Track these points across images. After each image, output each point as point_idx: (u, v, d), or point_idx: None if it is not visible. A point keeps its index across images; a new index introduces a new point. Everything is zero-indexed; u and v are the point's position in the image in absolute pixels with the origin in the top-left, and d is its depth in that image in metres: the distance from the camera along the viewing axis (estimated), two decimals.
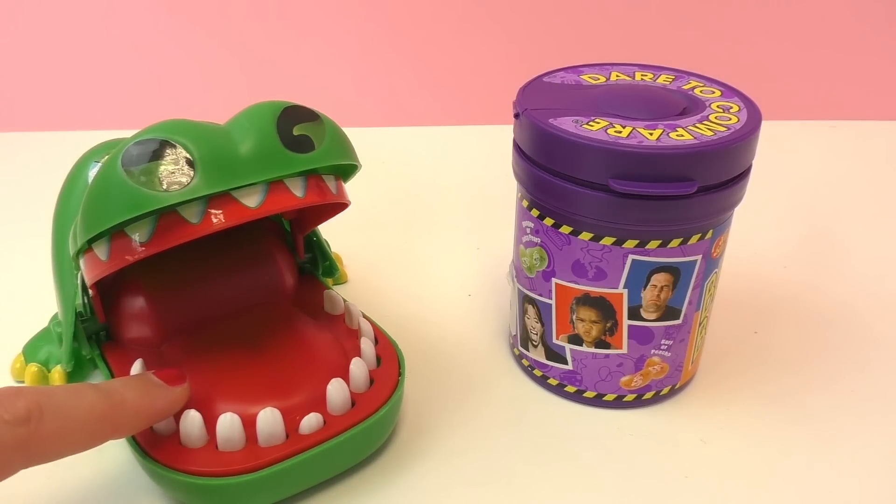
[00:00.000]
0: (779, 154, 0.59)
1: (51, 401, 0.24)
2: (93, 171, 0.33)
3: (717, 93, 0.33)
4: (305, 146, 0.28)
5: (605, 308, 0.32)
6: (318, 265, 0.40)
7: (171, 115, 0.27)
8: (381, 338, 0.34)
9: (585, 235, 0.31)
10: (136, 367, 0.31)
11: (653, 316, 0.32)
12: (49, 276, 0.35)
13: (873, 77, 0.68)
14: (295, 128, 0.28)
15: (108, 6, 0.64)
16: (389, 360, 0.33)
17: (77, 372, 0.36)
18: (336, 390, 0.30)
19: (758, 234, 0.49)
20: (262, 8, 0.65)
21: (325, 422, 0.29)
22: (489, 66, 0.67)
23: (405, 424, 0.34)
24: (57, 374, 0.35)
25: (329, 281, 0.42)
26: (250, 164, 0.27)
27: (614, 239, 0.30)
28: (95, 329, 0.34)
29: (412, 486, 0.31)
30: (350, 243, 0.48)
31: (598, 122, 0.30)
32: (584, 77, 0.35)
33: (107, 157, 0.27)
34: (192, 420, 0.28)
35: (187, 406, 0.29)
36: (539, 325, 0.34)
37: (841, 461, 0.32)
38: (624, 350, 0.33)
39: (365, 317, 0.35)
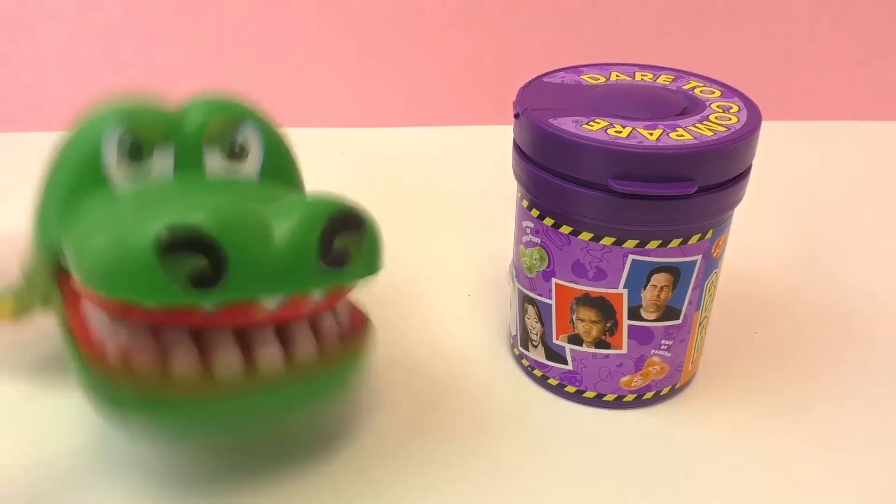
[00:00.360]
0: (779, 154, 0.59)
1: None
2: (108, 140, 0.31)
3: (717, 93, 0.33)
4: (342, 261, 0.27)
5: (605, 308, 0.32)
6: None
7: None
8: (352, 306, 0.34)
9: (585, 235, 0.31)
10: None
11: (653, 316, 0.32)
12: None
13: (873, 77, 0.68)
14: (337, 238, 0.27)
15: (110, 6, 0.64)
16: (358, 321, 0.32)
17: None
18: (301, 333, 0.29)
19: (758, 234, 0.49)
20: (263, 7, 0.65)
21: (287, 360, 0.29)
22: (489, 66, 0.67)
23: (405, 424, 0.34)
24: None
25: None
26: (282, 277, 0.26)
27: (614, 239, 0.30)
28: None
29: (412, 485, 0.31)
30: None
31: (598, 122, 0.30)
32: (584, 77, 0.35)
33: (129, 224, 0.26)
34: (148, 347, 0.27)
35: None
36: (539, 325, 0.34)
37: (841, 461, 0.32)
38: (624, 350, 0.33)
39: None
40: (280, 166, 0.34)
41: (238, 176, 0.32)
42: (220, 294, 0.25)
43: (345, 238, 0.27)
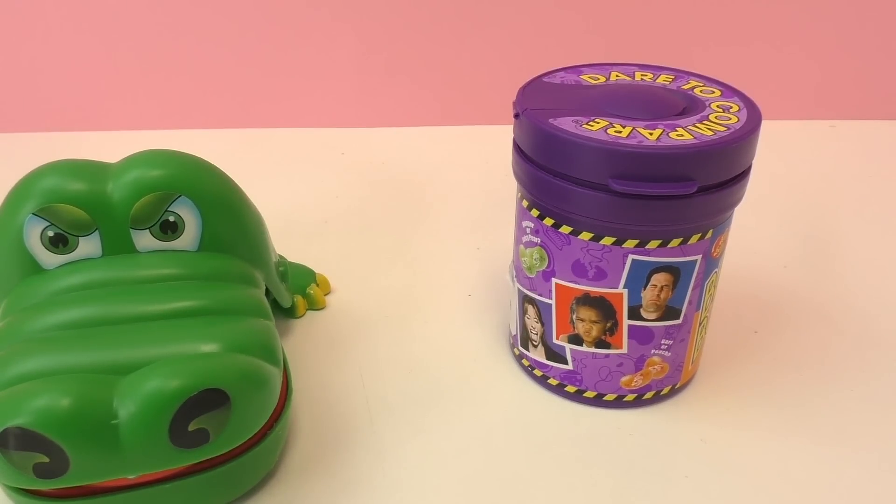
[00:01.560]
0: (779, 154, 0.59)
1: None
2: (30, 231, 0.31)
3: (717, 93, 0.33)
4: (198, 442, 0.26)
5: (605, 308, 0.32)
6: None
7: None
8: None
9: (585, 235, 0.31)
10: None
11: (653, 316, 0.32)
12: None
13: (873, 77, 0.68)
14: (192, 422, 0.26)
15: (110, 6, 0.64)
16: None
17: None
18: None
19: (758, 234, 0.49)
20: (263, 7, 0.65)
21: None
22: (489, 66, 0.67)
23: (406, 424, 0.34)
24: None
25: (301, 303, 0.41)
26: (130, 464, 0.26)
27: (614, 239, 0.30)
28: None
29: (413, 485, 0.31)
30: (350, 243, 0.48)
31: (598, 122, 0.30)
32: (584, 77, 0.35)
33: None
34: None
35: None
36: (539, 325, 0.34)
37: (841, 461, 0.32)
38: (624, 350, 0.33)
39: None
40: (222, 236, 0.33)
41: (172, 250, 0.32)
42: (69, 481, 0.25)
43: (204, 419, 0.26)
